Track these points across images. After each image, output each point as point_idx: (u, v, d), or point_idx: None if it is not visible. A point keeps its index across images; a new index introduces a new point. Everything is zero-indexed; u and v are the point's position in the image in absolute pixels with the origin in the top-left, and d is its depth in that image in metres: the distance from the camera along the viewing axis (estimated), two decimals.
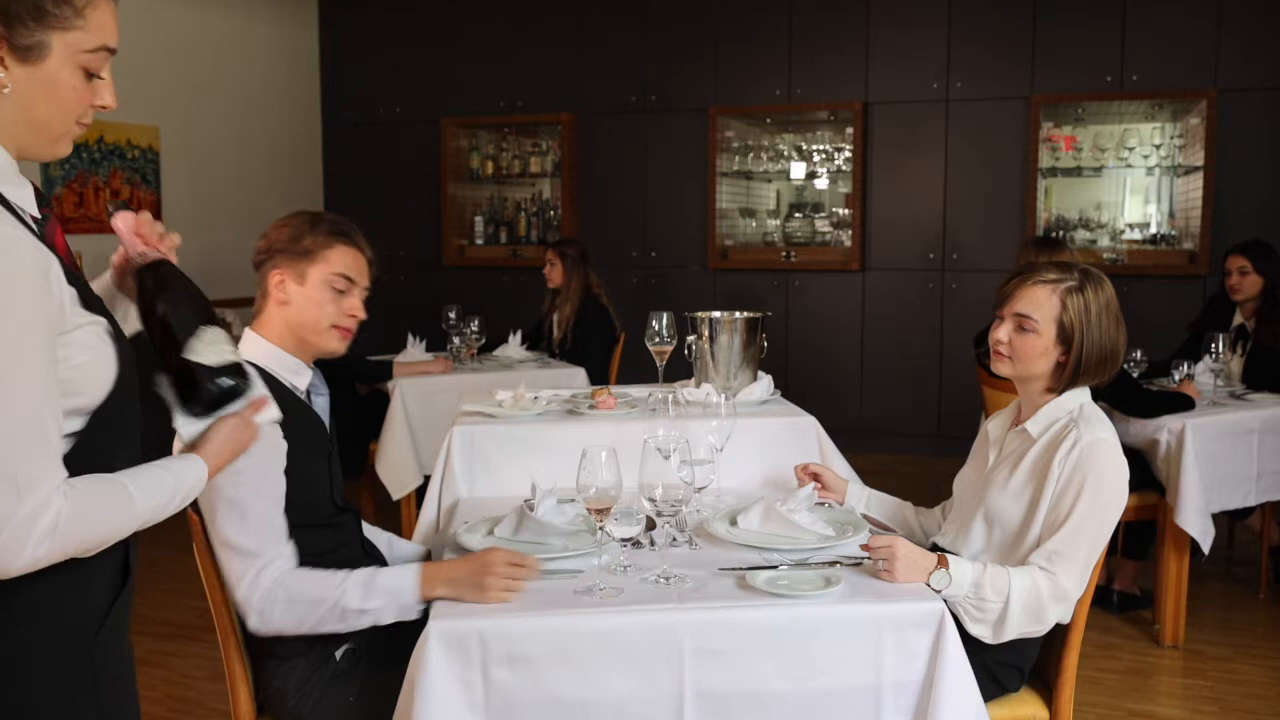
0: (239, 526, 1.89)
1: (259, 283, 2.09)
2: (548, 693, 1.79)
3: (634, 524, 1.96)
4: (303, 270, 2.04)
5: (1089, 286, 2.12)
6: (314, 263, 2.04)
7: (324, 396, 2.15)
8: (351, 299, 2.07)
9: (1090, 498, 2.02)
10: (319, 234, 2.05)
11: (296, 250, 2.04)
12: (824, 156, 6.40)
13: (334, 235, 2.06)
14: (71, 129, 1.36)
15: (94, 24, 1.32)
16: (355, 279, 2.08)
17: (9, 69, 1.26)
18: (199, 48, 6.72)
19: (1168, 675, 3.52)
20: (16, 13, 1.25)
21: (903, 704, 1.85)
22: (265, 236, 2.09)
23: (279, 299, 2.04)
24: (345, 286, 2.06)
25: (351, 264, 2.08)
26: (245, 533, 1.89)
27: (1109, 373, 2.16)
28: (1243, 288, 4.24)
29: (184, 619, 4.01)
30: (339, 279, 2.05)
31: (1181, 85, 5.57)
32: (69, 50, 1.30)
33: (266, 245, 2.07)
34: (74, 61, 1.31)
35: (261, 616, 1.90)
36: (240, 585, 1.90)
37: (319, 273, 2.04)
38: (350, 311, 2.08)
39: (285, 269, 2.04)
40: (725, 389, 3.07)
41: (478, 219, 6.93)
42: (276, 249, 2.05)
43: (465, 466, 2.75)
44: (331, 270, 2.04)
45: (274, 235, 2.07)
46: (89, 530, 1.27)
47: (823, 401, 3.60)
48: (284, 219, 2.11)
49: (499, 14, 6.75)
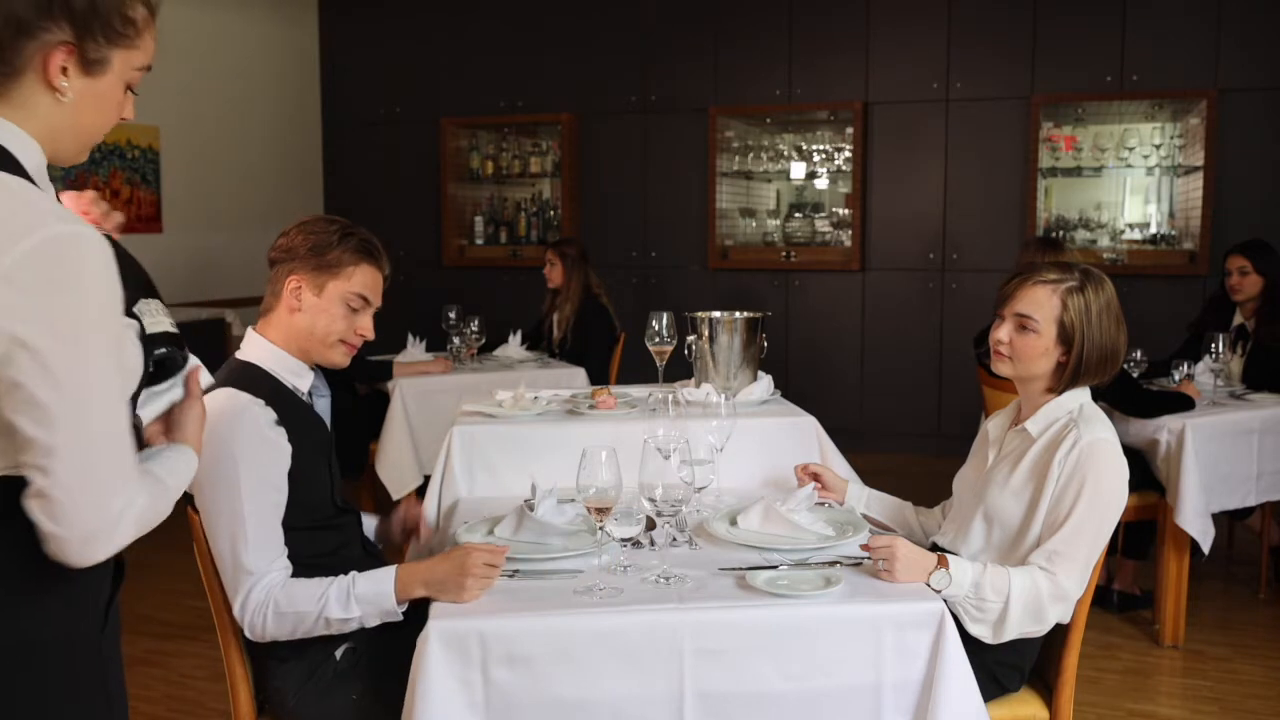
0: (237, 543, 1.90)
1: (271, 281, 2.06)
2: (548, 693, 1.79)
3: (634, 524, 1.96)
4: (323, 283, 2.01)
5: (1089, 287, 2.12)
6: (335, 277, 2.01)
7: (325, 398, 2.15)
8: (364, 318, 2.07)
9: (1090, 498, 2.01)
10: (346, 249, 2.01)
11: (320, 262, 2.00)
12: (824, 156, 6.40)
13: (361, 254, 2.03)
14: (99, 138, 1.43)
15: (145, 44, 1.41)
16: (371, 299, 2.07)
17: (70, 80, 1.32)
18: (199, 48, 6.72)
19: (1168, 675, 3.52)
20: (91, 29, 1.31)
21: (903, 704, 1.85)
22: (288, 235, 2.05)
23: (291, 305, 2.02)
24: (360, 306, 2.05)
25: (371, 284, 2.06)
26: (244, 550, 1.90)
27: (1109, 373, 2.16)
28: (1243, 287, 4.24)
29: (184, 619, 4.01)
30: (356, 298, 2.03)
31: (1181, 85, 5.57)
32: (124, 67, 1.37)
33: (288, 245, 2.03)
34: (124, 78, 1.38)
35: (253, 629, 1.92)
36: (235, 601, 1.92)
37: (338, 288, 2.02)
38: (361, 331, 2.07)
39: (304, 276, 2.01)
40: (725, 389, 3.07)
41: (478, 219, 6.93)
42: (299, 254, 2.01)
43: (465, 466, 2.75)
44: (351, 289, 2.03)
45: (299, 239, 2.02)
46: (152, 517, 1.32)
47: (823, 401, 3.60)
48: (310, 222, 2.06)
49: (499, 13, 6.75)
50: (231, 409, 1.91)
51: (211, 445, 1.89)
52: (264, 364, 2.02)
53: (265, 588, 1.90)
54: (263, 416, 1.93)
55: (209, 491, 1.92)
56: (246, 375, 2.00)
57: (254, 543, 1.90)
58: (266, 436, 1.92)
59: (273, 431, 1.93)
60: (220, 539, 1.91)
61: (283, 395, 2.00)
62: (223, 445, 1.89)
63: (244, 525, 1.89)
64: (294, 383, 2.05)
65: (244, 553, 1.90)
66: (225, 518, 1.90)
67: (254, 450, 1.91)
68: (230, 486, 1.89)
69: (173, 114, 6.55)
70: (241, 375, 1.99)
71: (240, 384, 1.96)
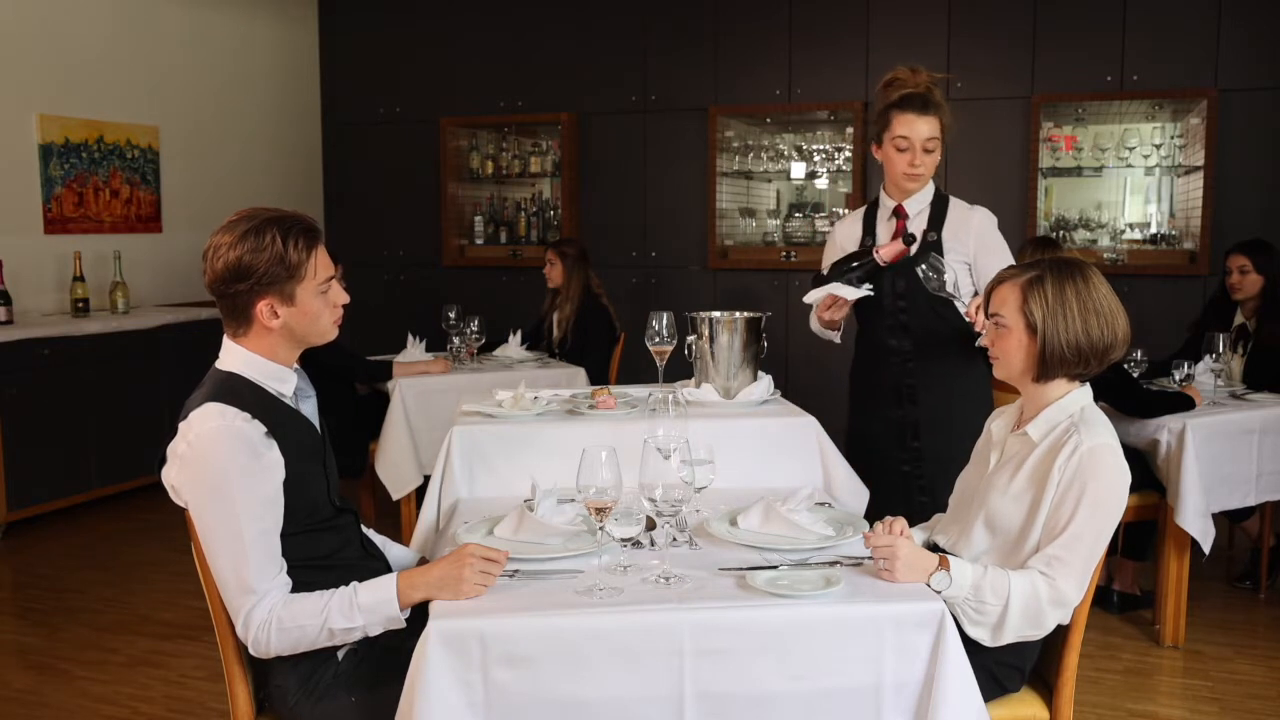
0: (239, 565, 1.89)
1: (230, 310, 1.97)
2: (548, 693, 1.79)
3: (634, 524, 1.96)
4: (290, 291, 1.96)
5: (1052, 277, 2.10)
6: (299, 280, 1.96)
7: (311, 399, 2.13)
8: (335, 293, 2.04)
9: (1090, 504, 2.01)
10: (293, 249, 1.94)
11: (278, 274, 1.93)
12: (824, 156, 6.39)
13: (308, 244, 1.97)
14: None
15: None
16: (333, 273, 2.05)
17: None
18: (199, 48, 6.72)
19: (1168, 675, 3.52)
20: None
21: (903, 704, 1.85)
22: (220, 257, 1.92)
23: (267, 323, 1.97)
24: (329, 286, 2.03)
25: (326, 262, 2.02)
26: (246, 571, 1.89)
27: (1092, 366, 2.11)
28: (1243, 286, 4.25)
29: (183, 619, 4.01)
30: (323, 284, 2.00)
31: (1181, 85, 5.57)
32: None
33: (234, 270, 1.91)
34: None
35: (257, 646, 1.92)
36: (237, 621, 1.92)
37: (307, 288, 1.97)
38: (338, 303, 2.04)
39: (270, 296, 1.95)
40: (725, 389, 3.07)
41: (478, 219, 6.92)
42: (253, 276, 1.91)
43: (465, 466, 2.74)
44: (317, 281, 1.99)
45: (250, 261, 1.91)
46: None
47: (823, 402, 3.60)
48: (236, 238, 1.92)
49: (499, 13, 6.74)
50: (223, 432, 1.88)
51: (206, 470, 1.88)
52: (246, 373, 1.99)
53: (268, 606, 1.89)
54: (254, 433, 1.90)
55: (208, 518, 1.90)
56: (230, 388, 1.96)
57: (255, 563, 1.89)
58: (259, 454, 1.90)
59: (264, 446, 1.91)
60: (220, 560, 1.91)
61: (269, 404, 1.98)
62: (218, 471, 1.87)
63: (245, 547, 1.88)
64: (278, 388, 2.02)
65: (246, 574, 1.89)
66: (226, 542, 1.89)
67: (249, 472, 1.89)
68: (229, 511, 1.87)
69: (172, 114, 6.55)
70: (226, 388, 1.95)
71: (226, 398, 1.92)
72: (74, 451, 5.37)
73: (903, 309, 3.04)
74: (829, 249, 3.26)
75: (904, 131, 2.98)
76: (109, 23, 6.13)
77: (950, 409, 3.02)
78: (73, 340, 5.34)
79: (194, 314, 6.00)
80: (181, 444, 1.92)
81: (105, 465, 5.52)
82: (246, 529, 1.88)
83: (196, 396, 1.97)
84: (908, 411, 3.07)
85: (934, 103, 3.01)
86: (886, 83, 3.07)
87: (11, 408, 5.04)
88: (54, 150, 5.81)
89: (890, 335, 3.08)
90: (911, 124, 2.98)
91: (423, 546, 2.58)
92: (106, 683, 3.48)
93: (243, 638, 1.93)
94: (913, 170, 3.02)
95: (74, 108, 5.94)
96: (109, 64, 6.15)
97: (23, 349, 5.11)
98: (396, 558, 2.32)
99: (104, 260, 5.97)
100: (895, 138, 3.00)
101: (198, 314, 6.00)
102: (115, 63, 6.18)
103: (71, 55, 5.92)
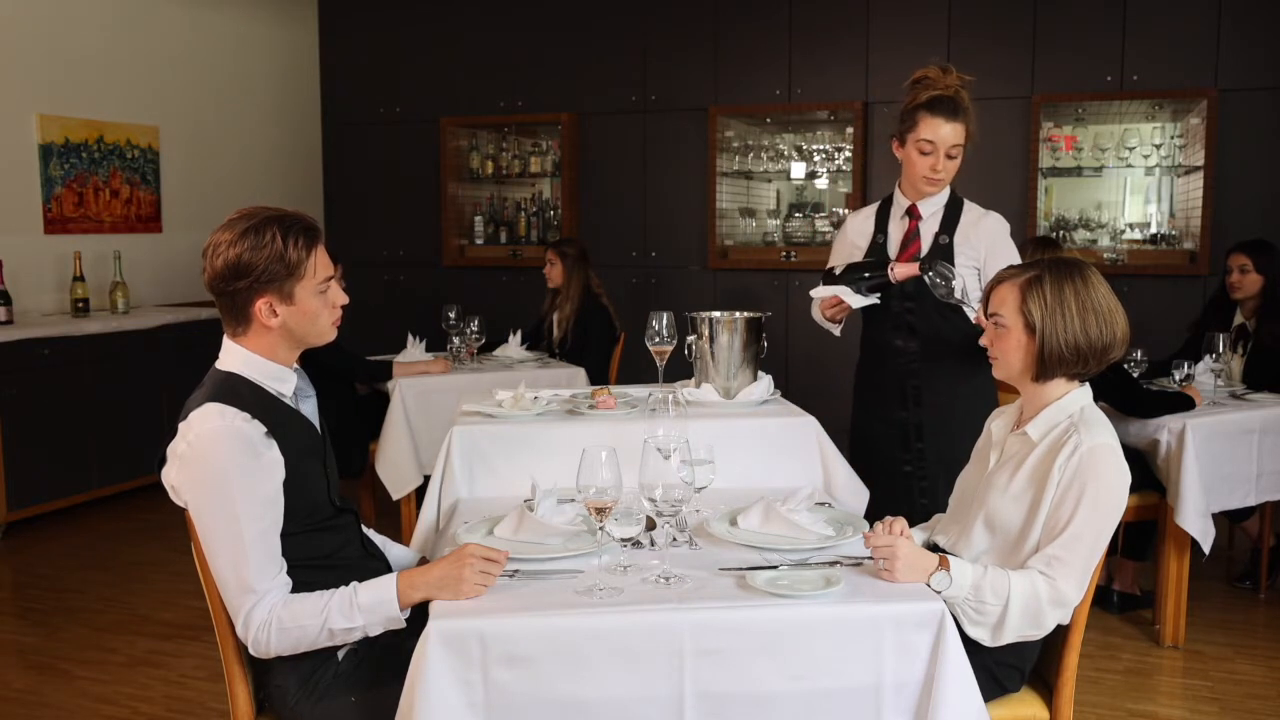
0: (240, 565, 1.89)
1: (229, 308, 1.97)
2: (548, 693, 1.79)
3: (634, 524, 1.96)
4: (289, 290, 1.96)
5: (1051, 276, 2.10)
6: (299, 279, 1.96)
7: (311, 399, 2.13)
8: (334, 292, 2.04)
9: (1090, 504, 2.01)
10: (293, 248, 1.94)
11: (278, 273, 1.93)
12: (824, 156, 6.39)
13: (308, 243, 1.97)
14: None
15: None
16: (333, 273, 2.05)
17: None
18: (199, 48, 6.72)
19: (1168, 675, 3.52)
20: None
21: (903, 704, 1.85)
22: (220, 255, 1.92)
23: (266, 322, 1.97)
24: (327, 285, 2.02)
25: (325, 261, 2.02)
26: (246, 571, 1.89)
27: (1091, 366, 2.12)
28: (1243, 286, 4.24)
29: (183, 619, 4.01)
30: (322, 283, 2.00)
31: (1181, 85, 5.57)
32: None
33: (233, 268, 1.91)
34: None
35: (257, 646, 1.92)
36: (237, 620, 1.92)
37: (306, 287, 1.97)
38: (337, 304, 2.05)
39: (269, 295, 1.95)
40: (725, 389, 3.07)
41: (478, 219, 6.92)
42: (252, 274, 1.92)
43: (465, 466, 2.74)
44: (316, 281, 1.99)
45: (249, 259, 1.91)
46: None
47: (823, 402, 3.60)
48: (237, 236, 1.93)
49: (498, 14, 6.74)
50: (223, 432, 1.88)
51: (206, 470, 1.88)
52: (245, 373, 1.99)
53: (268, 606, 1.90)
54: (254, 433, 1.90)
55: (208, 518, 1.90)
56: (230, 388, 1.96)
57: (255, 563, 1.89)
58: (259, 454, 1.90)
59: (264, 446, 1.91)
60: (220, 561, 1.91)
61: (269, 404, 1.98)
62: (218, 471, 1.87)
63: (245, 547, 1.88)
64: (278, 388, 2.02)
65: (246, 574, 1.89)
66: (226, 543, 1.89)
67: (249, 472, 1.89)
68: (229, 511, 1.88)
69: (172, 114, 6.55)
70: (226, 388, 1.95)
71: (226, 398, 1.92)
72: (74, 451, 5.37)
73: (909, 310, 3.04)
74: (839, 242, 3.24)
75: (929, 135, 2.94)
76: (109, 23, 6.13)
77: (955, 411, 3.01)
78: (73, 340, 5.35)
79: (194, 314, 6.01)
80: (181, 444, 1.92)
81: (105, 465, 5.52)
82: (246, 529, 1.88)
83: (196, 396, 1.97)
84: (912, 413, 3.07)
85: (963, 108, 2.95)
86: (915, 80, 3.01)
87: (11, 408, 5.05)
88: (54, 150, 5.81)
89: (896, 335, 3.07)
90: (938, 128, 2.93)
91: (423, 546, 2.58)
92: (106, 683, 3.48)
93: (243, 638, 1.93)
94: (934, 175, 2.97)
95: (74, 108, 5.95)
96: (109, 64, 6.15)
97: (23, 349, 5.11)
98: (396, 558, 2.32)
99: (104, 260, 5.97)
100: (920, 140, 2.95)
101: (198, 314, 6.00)
102: (115, 63, 6.18)
103: (71, 55, 5.92)
